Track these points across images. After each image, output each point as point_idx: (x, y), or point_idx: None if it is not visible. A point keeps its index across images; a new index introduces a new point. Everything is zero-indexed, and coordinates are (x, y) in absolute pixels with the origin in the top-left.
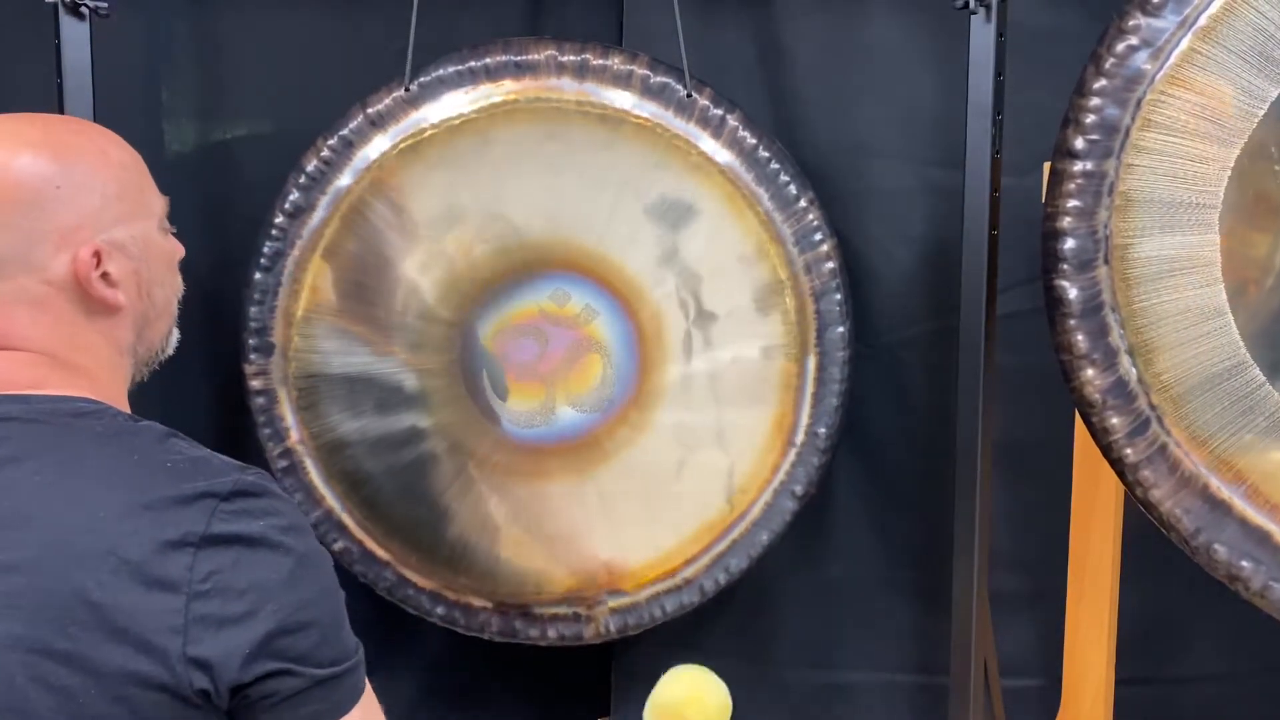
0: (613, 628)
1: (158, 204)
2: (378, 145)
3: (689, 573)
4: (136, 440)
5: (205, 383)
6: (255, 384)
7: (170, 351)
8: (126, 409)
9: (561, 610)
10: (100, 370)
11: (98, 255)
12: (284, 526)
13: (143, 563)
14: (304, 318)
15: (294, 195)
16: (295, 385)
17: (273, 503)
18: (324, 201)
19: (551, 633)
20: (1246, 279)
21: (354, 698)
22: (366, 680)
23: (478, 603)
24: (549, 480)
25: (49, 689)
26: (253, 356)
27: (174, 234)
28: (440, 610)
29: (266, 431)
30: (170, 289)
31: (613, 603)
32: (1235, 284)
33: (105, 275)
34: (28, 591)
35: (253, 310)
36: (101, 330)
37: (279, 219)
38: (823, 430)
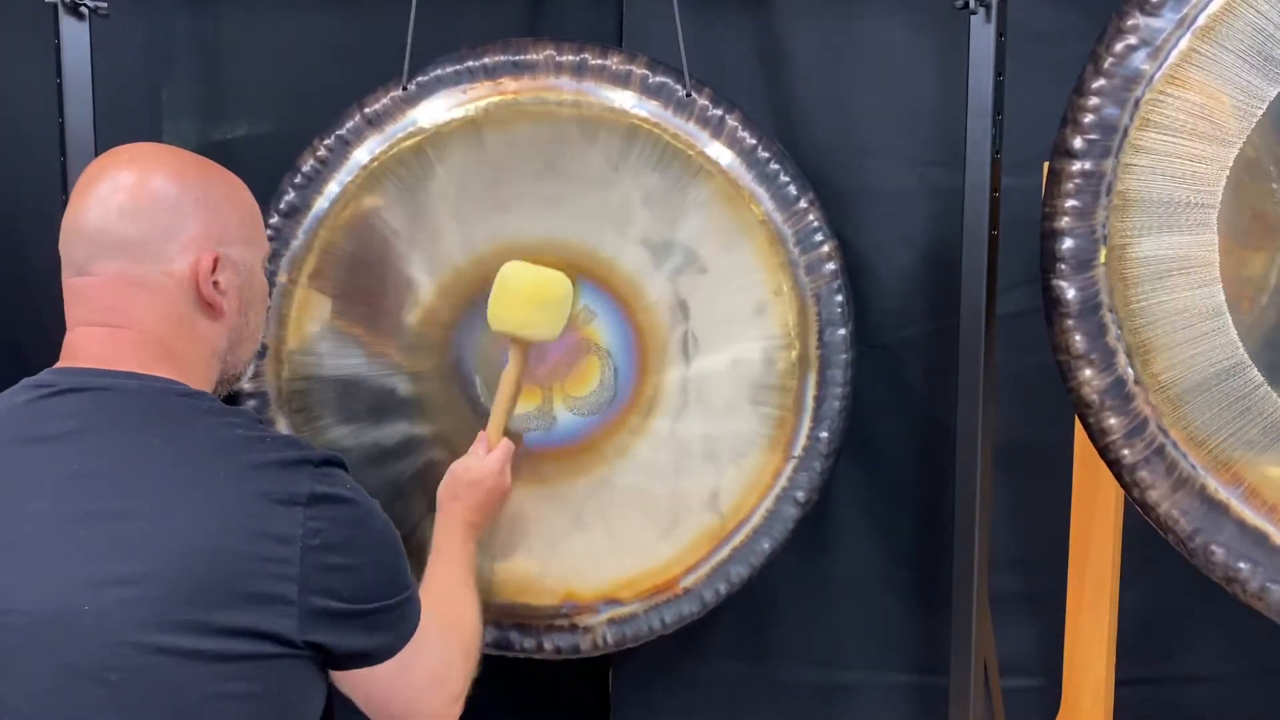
0: (610, 639)
1: (265, 246)
2: (374, 145)
3: (689, 582)
4: (236, 419)
5: None
6: (247, 386)
7: (243, 383)
8: None
9: (558, 621)
10: (196, 365)
11: (216, 261)
12: (357, 487)
13: (257, 516)
14: (297, 319)
15: (289, 195)
16: (288, 388)
17: (345, 473)
18: (319, 201)
19: (548, 645)
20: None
21: (417, 615)
22: (421, 609)
23: None
24: (545, 485)
25: (168, 624)
26: None
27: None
28: None
29: None
30: (260, 318)
31: (610, 613)
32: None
33: (216, 283)
34: (145, 537)
35: None
36: (203, 329)
37: (274, 219)
38: (825, 435)
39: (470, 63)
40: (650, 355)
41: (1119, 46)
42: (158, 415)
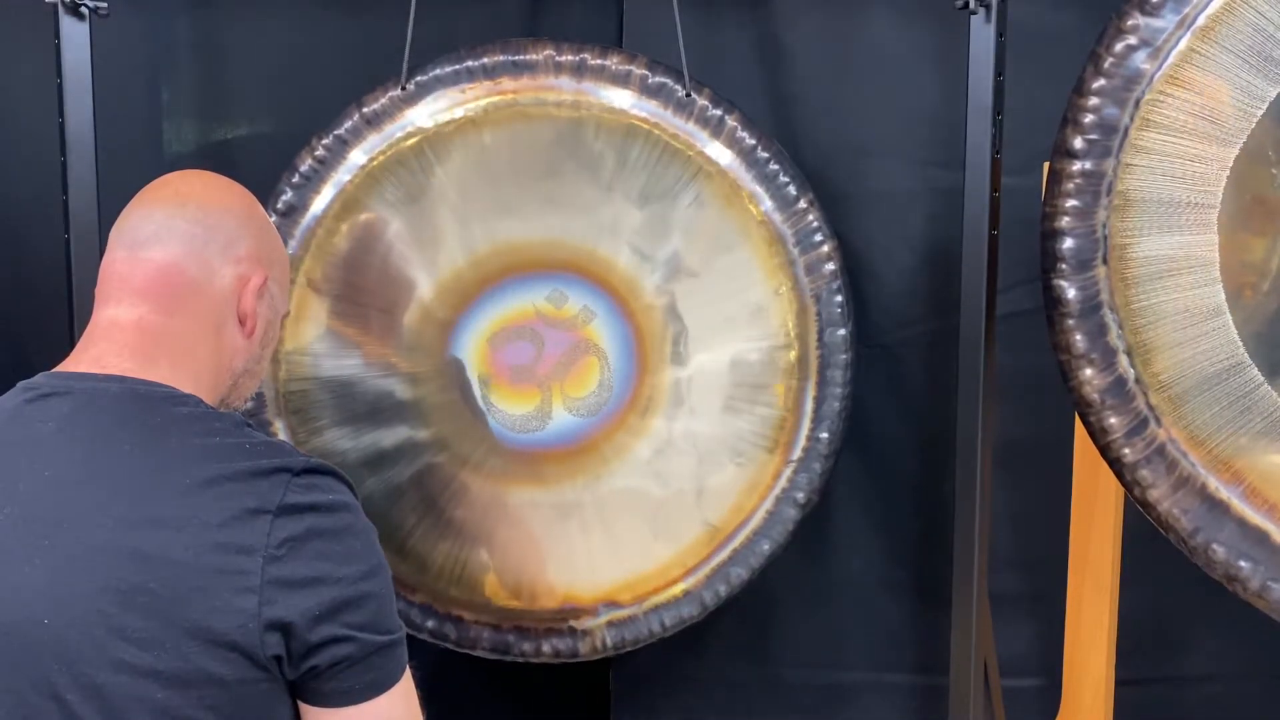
0: (610, 642)
1: (287, 307)
2: (373, 145)
3: (688, 584)
4: (218, 424)
5: None
6: None
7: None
8: None
9: (556, 624)
10: (209, 370)
11: (264, 285)
12: (346, 504)
13: (223, 526)
14: (294, 320)
15: (287, 194)
16: (284, 388)
17: (335, 483)
18: (317, 201)
19: (546, 648)
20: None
21: (401, 669)
22: (405, 670)
23: (469, 616)
24: (544, 487)
25: (126, 640)
26: None
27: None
28: (431, 624)
29: None
30: (267, 361)
31: (609, 616)
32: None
33: (253, 306)
34: (106, 548)
35: None
36: (230, 339)
37: (271, 218)
38: (825, 435)
39: (469, 63)
40: (649, 355)
41: (1119, 46)
42: (134, 421)
